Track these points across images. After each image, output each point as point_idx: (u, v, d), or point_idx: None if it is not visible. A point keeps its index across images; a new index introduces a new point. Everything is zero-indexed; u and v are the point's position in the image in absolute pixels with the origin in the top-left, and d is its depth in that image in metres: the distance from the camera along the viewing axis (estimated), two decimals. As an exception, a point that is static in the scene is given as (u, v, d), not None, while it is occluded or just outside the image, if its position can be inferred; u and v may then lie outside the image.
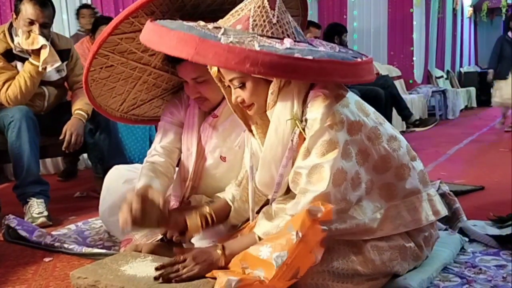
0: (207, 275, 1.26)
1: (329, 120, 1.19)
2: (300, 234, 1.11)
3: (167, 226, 1.42)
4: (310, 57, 1.13)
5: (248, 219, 1.49)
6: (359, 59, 1.27)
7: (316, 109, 1.21)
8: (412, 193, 1.35)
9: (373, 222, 1.27)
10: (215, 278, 1.20)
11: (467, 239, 1.70)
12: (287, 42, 1.19)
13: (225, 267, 1.25)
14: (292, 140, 1.24)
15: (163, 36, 1.21)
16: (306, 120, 1.23)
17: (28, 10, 2.37)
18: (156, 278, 1.24)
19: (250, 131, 1.41)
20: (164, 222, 1.39)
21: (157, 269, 1.27)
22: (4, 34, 2.45)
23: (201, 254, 1.28)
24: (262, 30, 1.22)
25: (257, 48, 1.13)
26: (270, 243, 1.14)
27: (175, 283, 1.23)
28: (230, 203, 1.52)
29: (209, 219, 1.47)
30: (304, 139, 1.23)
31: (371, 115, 1.31)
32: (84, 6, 4.08)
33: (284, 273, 1.10)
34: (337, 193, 1.20)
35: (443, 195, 1.88)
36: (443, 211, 1.42)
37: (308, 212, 1.13)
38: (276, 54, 1.12)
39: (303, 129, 1.23)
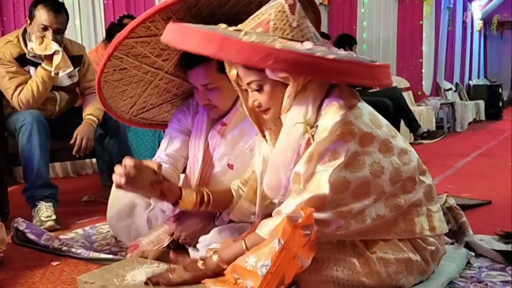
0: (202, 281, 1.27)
1: (339, 130, 1.20)
2: (282, 241, 1.11)
3: (161, 191, 1.41)
4: (331, 57, 1.15)
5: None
6: (377, 63, 1.28)
7: (329, 118, 1.22)
8: (413, 205, 1.35)
9: (369, 227, 1.27)
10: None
11: (473, 254, 1.69)
12: (308, 44, 1.21)
13: (215, 276, 1.27)
14: (300, 145, 1.25)
15: (186, 34, 1.23)
16: (317, 127, 1.24)
17: (42, 16, 2.41)
18: (146, 283, 1.29)
19: (263, 136, 1.42)
20: (158, 185, 1.38)
21: (148, 278, 1.30)
22: (18, 39, 2.50)
23: (192, 263, 1.31)
24: (283, 33, 1.23)
25: (279, 47, 1.14)
26: (255, 253, 1.15)
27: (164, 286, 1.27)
28: (234, 192, 1.53)
29: (206, 198, 1.48)
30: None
31: (384, 128, 1.31)
32: (127, 16, 3.81)
33: (269, 281, 1.11)
34: (333, 200, 1.20)
35: (449, 209, 1.87)
36: (440, 229, 1.40)
37: (288, 219, 1.14)
38: (298, 53, 1.14)
39: (313, 136, 1.23)
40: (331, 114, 1.22)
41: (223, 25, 1.28)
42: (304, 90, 1.27)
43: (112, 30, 3.43)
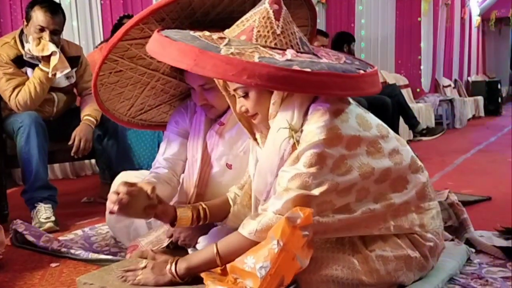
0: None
1: (324, 134, 1.19)
2: (281, 243, 1.11)
3: (155, 214, 1.41)
4: (308, 70, 1.13)
5: None
6: (361, 71, 1.26)
7: (314, 122, 1.21)
8: (405, 203, 1.34)
9: (358, 220, 1.25)
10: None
11: (473, 250, 1.69)
12: (289, 53, 1.20)
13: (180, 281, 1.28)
14: (285, 150, 1.25)
15: (165, 47, 1.23)
16: (301, 131, 1.23)
17: (39, 17, 2.41)
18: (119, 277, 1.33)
19: (255, 139, 1.42)
20: (152, 209, 1.39)
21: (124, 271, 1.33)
22: (15, 41, 2.49)
23: (160, 265, 1.31)
24: (266, 41, 1.23)
25: (257, 60, 1.14)
26: (253, 254, 1.14)
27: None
28: (231, 202, 1.53)
29: (202, 213, 1.48)
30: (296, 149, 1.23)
31: (373, 129, 1.30)
32: (127, 16, 3.76)
33: (268, 283, 1.11)
34: (319, 199, 1.19)
35: (451, 205, 1.87)
36: (431, 226, 1.38)
37: (287, 220, 1.13)
38: (274, 66, 1.12)
39: (297, 141, 1.23)
40: (316, 119, 1.21)
41: (207, 33, 1.27)
42: (291, 96, 1.27)
43: (116, 29, 3.42)
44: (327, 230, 1.23)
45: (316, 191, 1.18)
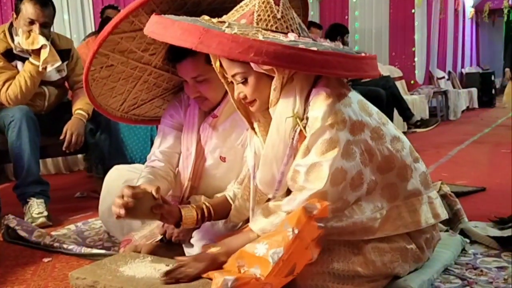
0: (203, 275, 1.24)
1: (330, 119, 1.19)
2: (296, 231, 1.10)
3: (161, 215, 1.40)
4: (314, 49, 1.13)
5: (249, 219, 1.48)
6: (363, 54, 1.26)
7: (318, 108, 1.20)
8: (413, 194, 1.34)
9: (372, 221, 1.26)
10: (211, 279, 1.19)
11: (468, 241, 1.69)
12: (292, 35, 1.20)
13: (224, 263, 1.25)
14: (293, 138, 1.24)
15: (167, 27, 1.22)
16: (307, 118, 1.22)
17: (28, 9, 2.38)
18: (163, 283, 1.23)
19: (253, 129, 1.41)
20: (158, 209, 1.37)
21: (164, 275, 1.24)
22: (5, 34, 2.46)
23: (202, 255, 1.29)
24: (267, 25, 1.22)
25: (262, 39, 1.13)
26: (266, 240, 1.13)
27: (183, 283, 1.22)
28: (231, 201, 1.51)
29: (206, 212, 1.46)
30: (305, 137, 1.22)
31: (374, 115, 1.30)
32: (109, 6, 3.84)
33: (280, 269, 1.10)
34: (334, 193, 1.19)
35: (444, 196, 1.87)
36: (443, 215, 1.41)
37: (304, 209, 1.13)
38: (280, 44, 1.12)
39: (304, 127, 1.22)
40: (320, 104, 1.21)
41: (206, 17, 1.26)
42: (291, 82, 1.26)
43: (104, 24, 3.39)
44: (342, 232, 1.23)
45: (327, 179, 1.17)
